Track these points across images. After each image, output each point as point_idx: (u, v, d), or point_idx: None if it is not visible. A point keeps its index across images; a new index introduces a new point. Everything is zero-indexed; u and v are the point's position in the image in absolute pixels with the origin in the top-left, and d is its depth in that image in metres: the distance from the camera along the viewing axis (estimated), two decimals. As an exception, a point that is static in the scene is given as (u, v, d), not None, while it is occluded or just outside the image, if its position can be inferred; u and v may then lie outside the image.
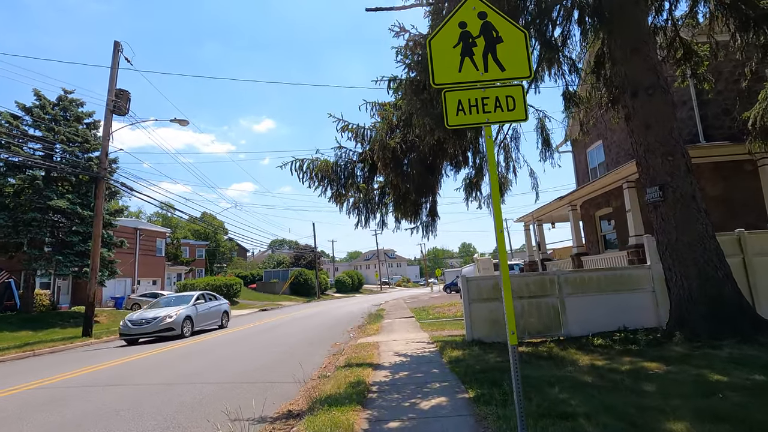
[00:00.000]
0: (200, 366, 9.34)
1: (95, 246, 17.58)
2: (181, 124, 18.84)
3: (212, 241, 69.35)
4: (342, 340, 12.76)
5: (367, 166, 7.88)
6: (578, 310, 9.10)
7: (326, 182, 7.91)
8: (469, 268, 30.05)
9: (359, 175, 8.09)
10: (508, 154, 12.29)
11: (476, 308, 9.18)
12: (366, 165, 7.88)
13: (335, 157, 7.97)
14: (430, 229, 9.71)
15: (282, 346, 12.07)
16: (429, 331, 12.29)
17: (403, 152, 7.13)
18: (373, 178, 8.30)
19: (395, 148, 6.97)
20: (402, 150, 7.11)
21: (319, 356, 10.10)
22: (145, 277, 36.03)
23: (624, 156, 17.39)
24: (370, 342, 10.75)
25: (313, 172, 7.70)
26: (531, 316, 9.12)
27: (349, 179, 7.81)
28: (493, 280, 9.31)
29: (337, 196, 8.13)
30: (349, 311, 26.66)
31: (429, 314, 18.07)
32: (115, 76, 18.74)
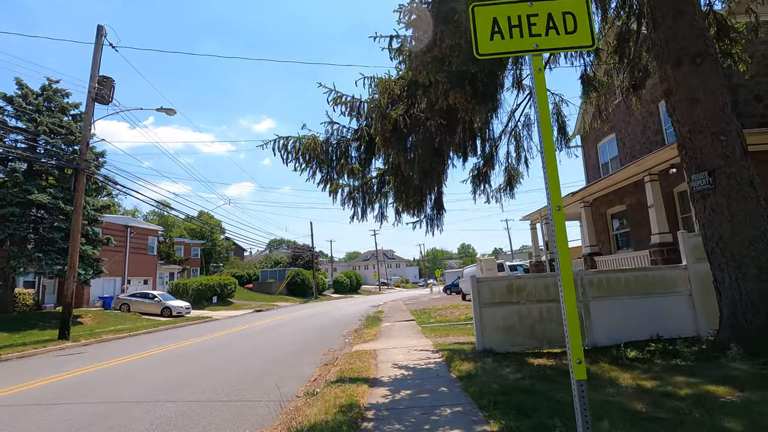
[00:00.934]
0: (170, 378, 8.19)
1: (74, 242, 16.42)
2: (168, 113, 17.69)
3: (208, 241, 68.15)
4: (336, 346, 11.63)
5: (363, 145, 6.72)
6: (604, 315, 7.96)
7: (315, 164, 6.74)
8: (472, 268, 28.93)
9: (354, 156, 6.94)
10: (519, 144, 11.18)
11: (488, 313, 8.04)
12: (362, 143, 6.72)
13: (326, 134, 6.80)
14: (435, 222, 8.58)
15: (269, 353, 10.91)
16: (432, 337, 11.14)
17: (406, 127, 6.00)
18: (371, 160, 7.15)
19: (397, 121, 5.83)
20: (405, 124, 5.98)
21: (309, 366, 8.96)
22: (136, 276, 34.83)
23: (640, 149, 16.28)
24: (366, 350, 9.61)
25: (300, 151, 6.52)
26: (551, 323, 7.99)
27: (342, 159, 6.64)
28: (507, 281, 8.17)
29: (327, 181, 6.96)
30: (345, 313, 25.52)
31: (431, 317, 16.93)
32: (98, 61, 17.59)
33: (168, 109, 17.63)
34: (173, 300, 29.57)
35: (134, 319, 25.17)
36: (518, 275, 7.72)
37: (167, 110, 17.63)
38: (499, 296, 8.11)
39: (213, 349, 12.04)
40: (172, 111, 17.67)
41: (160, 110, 17.63)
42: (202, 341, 14.36)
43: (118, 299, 29.60)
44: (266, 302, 42.88)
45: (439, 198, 8.65)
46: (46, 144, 22.20)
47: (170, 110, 17.64)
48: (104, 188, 25.76)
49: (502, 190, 11.55)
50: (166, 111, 17.63)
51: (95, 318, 23.92)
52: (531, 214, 21.17)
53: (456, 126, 7.32)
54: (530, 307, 8.05)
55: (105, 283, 31.62)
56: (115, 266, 32.50)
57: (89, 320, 23.12)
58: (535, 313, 8.03)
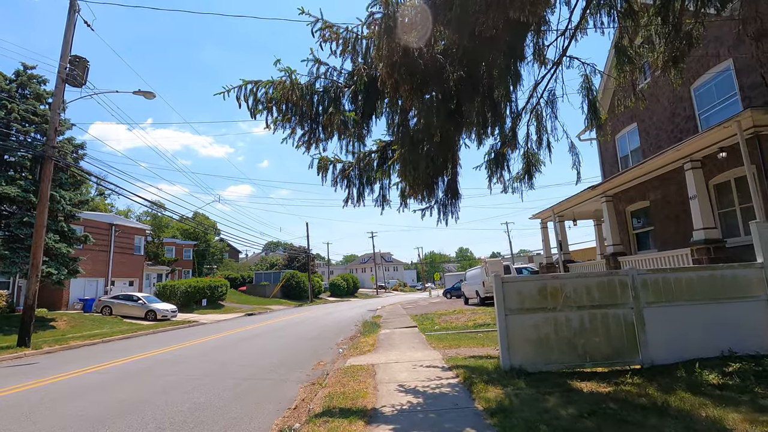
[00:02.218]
0: (102, 407, 6.51)
1: (37, 238, 14.71)
2: (146, 96, 16.03)
3: (202, 242, 66.28)
4: (328, 358, 9.97)
5: (361, 92, 5.05)
6: (663, 326, 6.34)
7: (294, 116, 5.07)
8: (475, 271, 27.26)
9: (348, 110, 5.31)
10: (540, 124, 9.58)
11: (516, 322, 6.40)
12: (359, 88, 5.05)
13: (309, 77, 5.15)
14: (450, 209, 6.95)
15: (249, 367, 9.23)
16: (440, 348, 9.49)
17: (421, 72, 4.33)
18: (371, 115, 5.44)
19: (412, 52, 4.16)
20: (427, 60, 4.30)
21: (293, 384, 7.30)
22: (121, 277, 33.01)
23: (667, 139, 14.71)
24: (363, 365, 7.94)
25: (273, 100, 4.89)
26: (595, 335, 6.35)
27: (331, 107, 4.97)
28: (540, 282, 6.53)
29: (310, 141, 5.30)
30: (341, 318, 23.82)
31: (434, 323, 15.27)
32: (69, 39, 15.94)
33: (146, 92, 15.99)
34: (158, 303, 27.81)
35: (114, 323, 23.41)
36: (554, 275, 6.07)
37: (145, 93, 15.98)
38: (529, 301, 6.47)
39: (184, 361, 10.35)
40: (150, 94, 16.02)
41: (137, 93, 15.98)
42: (176, 350, 12.66)
43: (100, 302, 27.83)
44: (259, 305, 41.13)
45: (453, 179, 7.03)
46: (17, 133, 20.49)
47: (149, 93, 15.99)
48: (83, 182, 24.06)
49: (520, 178, 9.98)
50: (144, 94, 15.97)
51: (70, 322, 22.16)
52: (542, 211, 19.57)
53: (477, 84, 5.70)
54: (569, 314, 6.41)
55: (86, 284, 29.82)
56: (98, 266, 30.73)
57: (63, 324, 21.38)
58: (575, 323, 6.39)
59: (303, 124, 5.06)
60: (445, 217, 6.92)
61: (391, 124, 5.54)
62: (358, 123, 5.13)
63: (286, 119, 4.94)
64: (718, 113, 12.45)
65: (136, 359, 10.94)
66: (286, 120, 4.96)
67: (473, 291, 26.51)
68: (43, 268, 19.44)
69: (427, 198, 6.68)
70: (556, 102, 9.51)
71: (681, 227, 13.75)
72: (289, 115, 4.87)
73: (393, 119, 5.49)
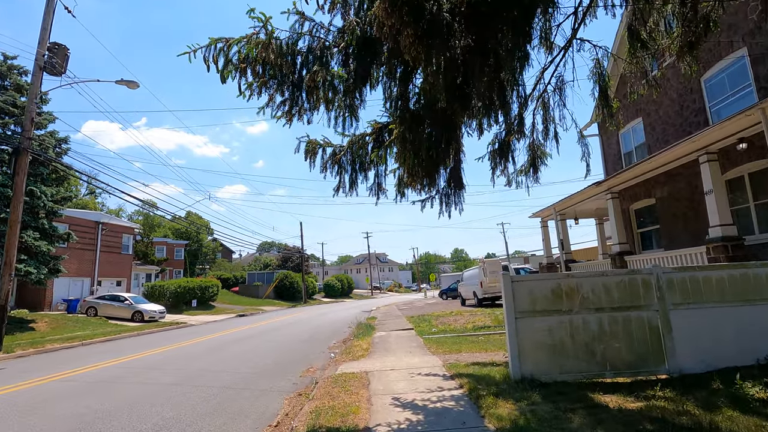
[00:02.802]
0: (76, 416, 5.74)
1: (11, 235, 13.85)
2: (129, 86, 15.21)
3: (194, 241, 65.21)
4: (319, 363, 9.22)
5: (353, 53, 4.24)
6: (691, 330, 5.66)
7: (270, 79, 4.28)
8: (473, 271, 26.58)
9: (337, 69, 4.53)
10: (547, 113, 8.91)
11: (527, 326, 5.69)
12: (351, 45, 4.24)
13: (290, 34, 4.37)
14: (453, 200, 6.24)
15: (232, 373, 8.46)
16: (440, 353, 8.77)
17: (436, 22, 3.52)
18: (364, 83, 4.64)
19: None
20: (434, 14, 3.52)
21: (277, 395, 6.55)
22: (108, 276, 32.03)
23: (674, 133, 14.12)
24: (355, 372, 7.21)
25: (247, 60, 4.11)
26: (615, 340, 5.66)
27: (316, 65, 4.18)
28: (554, 282, 5.82)
29: (291, 109, 4.47)
30: (335, 319, 23.06)
31: (431, 325, 14.56)
32: (48, 26, 15.11)
33: (129, 82, 15.17)
34: (146, 303, 26.91)
35: (98, 325, 22.49)
36: (569, 273, 5.37)
37: (128, 83, 15.16)
38: (542, 302, 5.76)
39: (161, 367, 9.56)
40: (134, 84, 15.21)
41: (120, 82, 15.16)
42: (157, 354, 11.85)
43: (85, 302, 26.87)
44: (251, 306, 40.23)
45: (457, 167, 6.32)
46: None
47: (131, 83, 15.18)
48: (66, 178, 23.15)
49: (525, 172, 9.30)
50: (127, 83, 15.15)
51: (52, 323, 21.22)
52: (543, 209, 18.93)
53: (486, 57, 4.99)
54: (586, 317, 5.72)
55: (71, 284, 28.83)
56: (84, 266, 29.77)
57: (44, 326, 20.45)
58: (593, 326, 5.69)
59: (283, 89, 4.27)
60: (447, 208, 6.21)
61: (389, 97, 4.80)
62: (349, 91, 4.38)
63: (263, 83, 4.15)
64: (731, 105, 11.84)
65: (110, 365, 10.13)
66: (263, 84, 4.17)
67: (470, 292, 25.85)
68: (21, 267, 18.54)
69: (428, 187, 5.97)
70: (564, 89, 8.86)
71: (690, 225, 13.15)
72: (266, 77, 4.09)
73: (390, 90, 4.75)
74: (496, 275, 23.58)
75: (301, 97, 4.17)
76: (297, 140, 5.62)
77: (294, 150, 5.68)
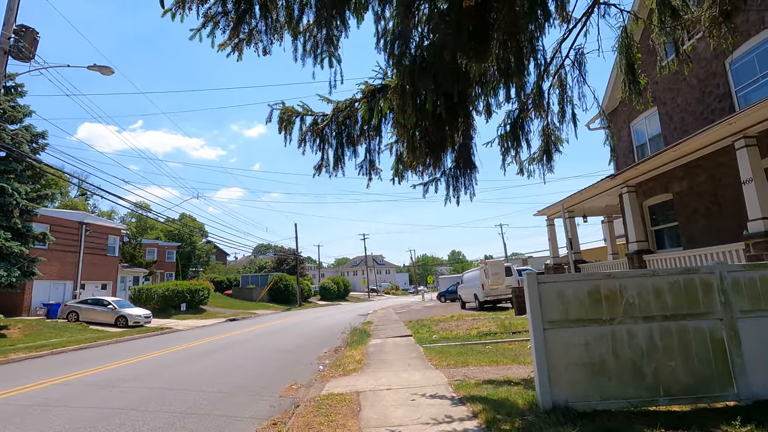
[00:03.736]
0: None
1: (-31, 233, 12.57)
2: (102, 72, 13.98)
3: (187, 244, 63.76)
4: (304, 379, 8.01)
5: None
6: (765, 344, 4.49)
7: None
8: (473, 273, 25.38)
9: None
10: (564, 92, 7.79)
11: (559, 339, 4.52)
12: None
13: None
14: (462, 182, 5.09)
15: (201, 392, 7.24)
16: (443, 366, 7.58)
17: None
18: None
19: None
20: None
21: (247, 425, 5.33)
22: (93, 279, 30.64)
23: (695, 122, 13.01)
24: (344, 394, 6.00)
25: None
26: (669, 357, 4.49)
27: None
28: (591, 283, 4.64)
29: (237, 27, 3.22)
30: (329, 324, 21.82)
31: (432, 332, 13.36)
32: (14, 6, 13.88)
33: (103, 67, 13.94)
34: (131, 308, 25.58)
35: (77, 331, 21.19)
36: (610, 272, 4.16)
37: (102, 68, 13.93)
38: (576, 309, 4.59)
39: (122, 383, 8.33)
40: (108, 70, 13.98)
41: (93, 68, 13.93)
42: (126, 365, 10.61)
43: (66, 306, 25.51)
44: (244, 310, 38.93)
45: (467, 144, 5.18)
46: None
47: (106, 68, 13.95)
48: (42, 175, 21.87)
49: (538, 159, 8.16)
50: (100, 69, 13.93)
51: (26, 329, 19.87)
52: (550, 207, 17.77)
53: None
54: (632, 328, 4.55)
55: (52, 288, 27.46)
56: (66, 268, 28.40)
57: (16, 332, 19.10)
58: (640, 340, 4.52)
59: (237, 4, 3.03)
60: (456, 193, 5.05)
61: (384, 33, 3.64)
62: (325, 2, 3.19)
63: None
64: (761, 89, 10.75)
65: (65, 380, 8.88)
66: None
67: (471, 295, 24.67)
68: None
69: (432, 167, 4.83)
70: (585, 63, 7.72)
71: (713, 222, 12.04)
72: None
73: (386, 23, 3.59)
74: (499, 277, 22.46)
75: (253, 11, 2.97)
76: (269, 107, 4.44)
77: (265, 119, 4.51)
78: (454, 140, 5.18)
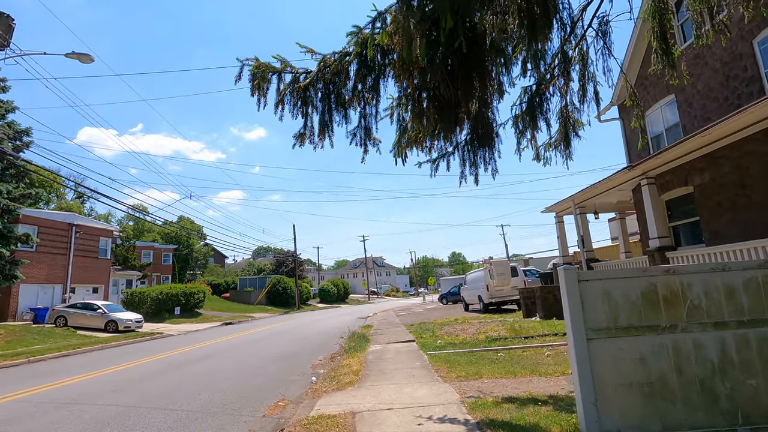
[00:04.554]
0: None
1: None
2: (81, 59, 13.03)
3: (184, 246, 62.77)
4: (294, 392, 7.04)
5: None
6: None
7: None
8: (477, 273, 24.36)
9: None
10: (585, 67, 6.86)
11: (607, 352, 3.55)
12: None
13: None
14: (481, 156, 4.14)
15: (170, 411, 6.26)
16: (453, 379, 6.60)
17: None
18: None
19: None
20: None
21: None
22: (83, 283, 29.63)
23: (718, 109, 12.07)
24: (337, 416, 5.02)
25: None
26: (748, 374, 3.52)
27: None
28: (645, 281, 3.66)
29: None
30: (327, 327, 20.83)
31: (436, 336, 12.38)
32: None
33: (82, 55, 13.00)
34: (121, 312, 24.59)
35: (62, 337, 20.17)
36: (668, 268, 3.16)
37: (80, 56, 12.99)
38: (627, 314, 3.62)
39: (86, 399, 7.36)
40: (87, 57, 13.04)
41: (71, 55, 12.99)
42: (99, 376, 9.65)
43: (54, 311, 24.53)
44: (241, 313, 37.93)
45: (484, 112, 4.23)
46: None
47: (85, 56, 13.01)
48: (25, 174, 20.93)
49: (555, 145, 7.23)
50: (79, 57, 12.99)
51: (9, 336, 18.87)
52: (559, 203, 16.81)
53: None
54: (699, 338, 3.58)
55: (40, 292, 26.47)
56: (55, 271, 27.42)
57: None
58: (710, 352, 3.55)
59: None
60: (473, 169, 4.11)
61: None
62: None
63: None
64: (795, 69, 9.84)
65: (21, 396, 7.87)
66: None
67: (475, 296, 23.67)
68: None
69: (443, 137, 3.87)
70: (609, 32, 6.79)
71: (740, 215, 11.09)
72: None
73: None
74: (504, 277, 21.47)
75: None
76: (239, 63, 3.49)
77: (234, 79, 3.55)
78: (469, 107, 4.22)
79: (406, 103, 3.63)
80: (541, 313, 15.23)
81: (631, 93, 7.16)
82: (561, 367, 6.85)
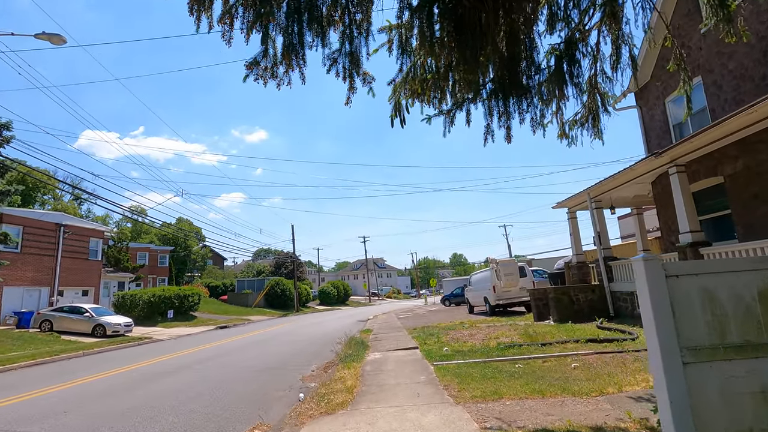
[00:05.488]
0: None
1: None
2: (52, 41, 11.91)
3: (182, 248, 61.62)
4: (277, 413, 5.87)
5: None
6: None
7: None
8: (483, 274, 23.11)
9: None
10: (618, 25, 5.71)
11: (711, 381, 2.37)
12: None
13: None
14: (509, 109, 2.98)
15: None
16: (467, 400, 5.42)
17: None
18: None
19: None
20: None
21: None
22: (72, 285, 28.47)
23: (753, 90, 10.91)
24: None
25: None
26: None
27: None
28: (763, 278, 2.49)
29: None
30: (324, 332, 19.65)
31: (441, 342, 11.20)
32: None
33: (52, 35, 11.87)
34: (110, 316, 23.42)
35: (44, 342, 19.03)
36: None
37: (51, 36, 11.87)
38: (740, 325, 2.44)
39: (34, 421, 6.19)
40: (57, 37, 11.92)
41: (40, 36, 11.86)
42: (63, 390, 8.50)
43: (39, 315, 23.40)
44: (238, 316, 36.72)
45: (514, 52, 3.08)
46: None
47: (55, 36, 11.89)
48: (7, 170, 19.79)
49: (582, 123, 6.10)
50: (50, 37, 11.86)
51: (-14, 341, 17.73)
52: (572, 197, 15.63)
53: None
54: None
55: (25, 295, 25.32)
56: (42, 273, 26.27)
57: (-27, 345, 16.96)
58: None
59: None
60: (506, 120, 2.90)
61: None
62: None
63: None
64: None
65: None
66: None
67: (480, 298, 22.45)
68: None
69: (466, 84, 2.71)
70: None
71: None
72: None
73: None
74: (512, 278, 20.26)
75: None
76: None
77: None
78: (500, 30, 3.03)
79: (411, 23, 2.50)
80: (555, 316, 14.03)
81: (677, 55, 5.98)
82: (596, 384, 5.67)
